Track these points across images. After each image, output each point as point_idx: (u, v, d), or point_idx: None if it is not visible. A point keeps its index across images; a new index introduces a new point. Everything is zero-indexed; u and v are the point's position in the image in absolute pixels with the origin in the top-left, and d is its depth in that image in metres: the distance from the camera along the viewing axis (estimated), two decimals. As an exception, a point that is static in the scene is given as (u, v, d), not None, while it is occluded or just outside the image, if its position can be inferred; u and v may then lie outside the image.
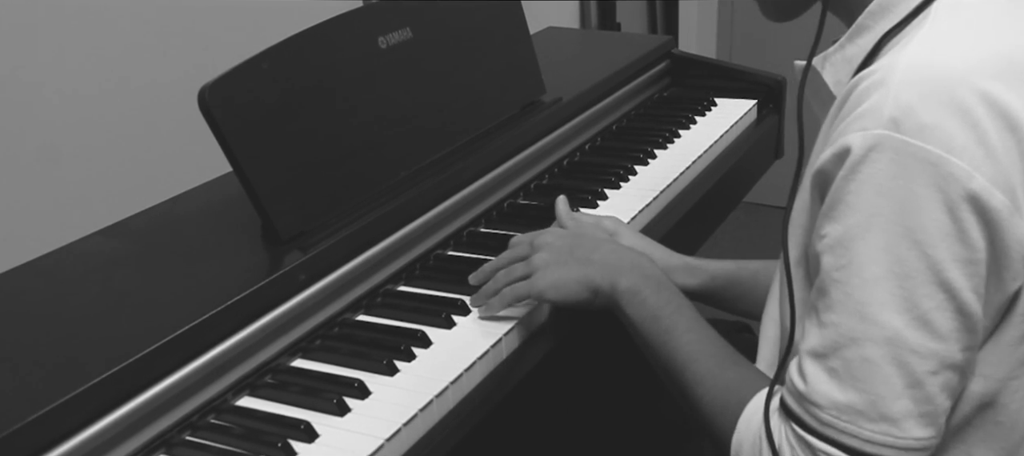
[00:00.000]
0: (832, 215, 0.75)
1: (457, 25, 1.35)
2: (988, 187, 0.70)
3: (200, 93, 1.02)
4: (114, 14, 1.31)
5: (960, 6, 0.78)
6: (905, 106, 0.71)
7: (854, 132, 0.73)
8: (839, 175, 0.74)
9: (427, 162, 1.24)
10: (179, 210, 1.19)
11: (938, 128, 0.70)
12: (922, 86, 0.72)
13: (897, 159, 0.71)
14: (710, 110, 1.67)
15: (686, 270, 1.17)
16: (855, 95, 0.76)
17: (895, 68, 0.74)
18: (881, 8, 0.82)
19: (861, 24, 0.84)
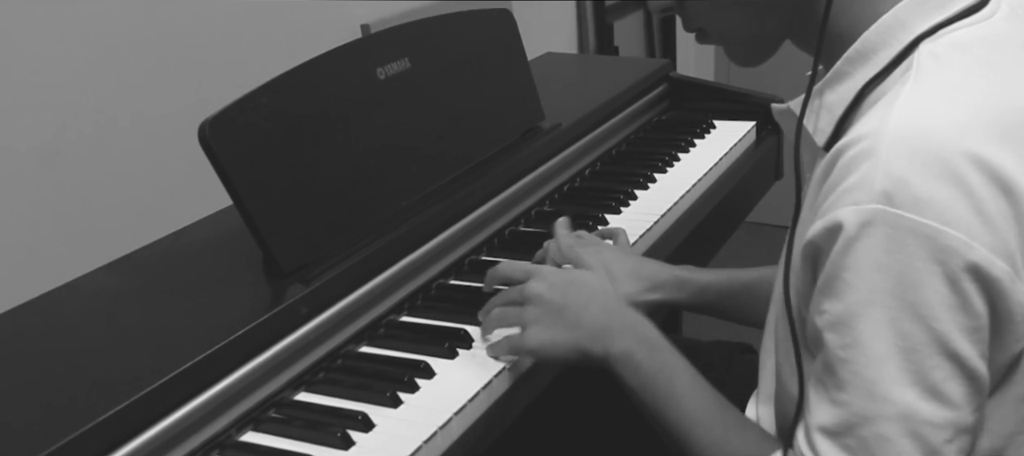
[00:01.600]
0: (830, 292, 0.73)
1: (455, 54, 1.36)
2: (989, 257, 0.69)
3: (200, 128, 1.03)
4: (113, 50, 1.31)
5: (943, 57, 0.77)
6: (897, 178, 0.70)
7: (846, 206, 0.72)
8: (834, 251, 0.73)
9: (428, 191, 1.25)
10: (182, 244, 1.19)
11: (933, 200, 0.69)
12: (913, 156, 0.70)
13: (893, 234, 0.70)
14: (709, 133, 1.68)
15: (676, 284, 1.15)
16: (842, 164, 0.74)
17: (883, 136, 0.72)
18: (859, 54, 0.80)
19: (840, 70, 0.82)
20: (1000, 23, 0.80)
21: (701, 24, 0.92)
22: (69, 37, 1.26)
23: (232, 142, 1.04)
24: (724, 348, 1.32)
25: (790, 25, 0.87)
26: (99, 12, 1.29)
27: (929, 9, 0.79)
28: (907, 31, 0.79)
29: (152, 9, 1.36)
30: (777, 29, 0.88)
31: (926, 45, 0.78)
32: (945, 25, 0.78)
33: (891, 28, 0.79)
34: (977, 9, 0.80)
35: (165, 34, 1.38)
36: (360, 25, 1.69)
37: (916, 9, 0.79)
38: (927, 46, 0.78)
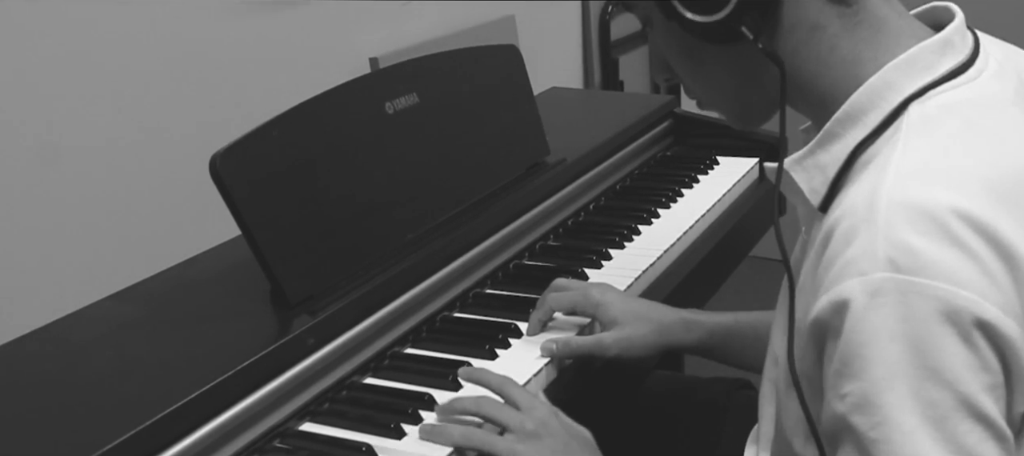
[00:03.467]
0: (849, 373, 0.71)
1: (463, 89, 1.38)
2: (1000, 316, 0.69)
3: (211, 161, 1.04)
4: (124, 83, 1.33)
5: (932, 119, 0.77)
6: (900, 244, 0.69)
7: (850, 279, 0.71)
8: (845, 328, 0.71)
9: (433, 224, 1.26)
10: (190, 274, 1.20)
11: (939, 262, 0.69)
12: (911, 221, 0.70)
13: (903, 300, 0.69)
14: (712, 169, 1.69)
15: (683, 326, 1.16)
16: (840, 234, 0.73)
17: (878, 203, 0.72)
18: (849, 116, 0.80)
19: (830, 131, 0.81)
20: (988, 82, 0.81)
21: (695, 95, 0.93)
22: (80, 71, 1.28)
23: (242, 175, 1.06)
24: (723, 385, 1.33)
25: (775, 93, 0.86)
26: (110, 46, 1.31)
27: (917, 71, 0.80)
28: (896, 93, 0.79)
29: (163, 42, 1.38)
30: (763, 98, 0.88)
31: (915, 107, 0.78)
32: (933, 86, 0.79)
33: (879, 90, 0.80)
34: (964, 69, 0.81)
35: (176, 67, 1.40)
36: (369, 58, 1.72)
37: (904, 71, 0.80)
38: (916, 108, 0.78)
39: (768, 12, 0.81)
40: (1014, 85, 0.83)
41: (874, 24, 0.82)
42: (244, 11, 1.49)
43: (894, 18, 0.83)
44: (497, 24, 1.99)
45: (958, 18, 0.84)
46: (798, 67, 0.84)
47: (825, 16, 0.82)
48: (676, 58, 0.89)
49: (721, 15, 0.81)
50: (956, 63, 0.81)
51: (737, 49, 0.83)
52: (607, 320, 1.14)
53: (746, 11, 0.81)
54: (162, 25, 1.37)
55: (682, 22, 0.83)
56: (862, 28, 0.82)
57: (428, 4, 1.86)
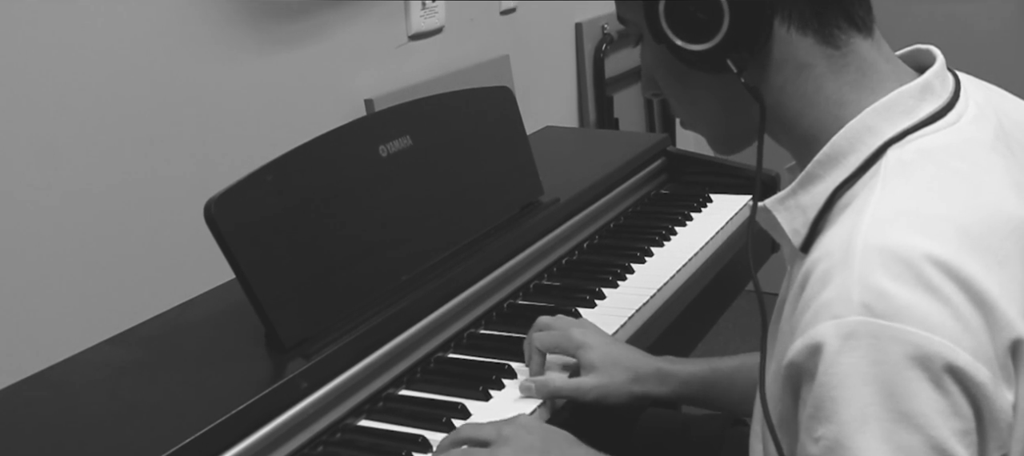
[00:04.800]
0: (822, 416, 0.72)
1: (456, 130, 1.39)
2: (972, 362, 0.69)
3: (206, 207, 1.05)
4: (120, 126, 1.35)
5: (910, 164, 0.78)
6: (874, 288, 0.70)
7: (825, 322, 0.71)
8: (818, 371, 0.72)
9: (428, 265, 1.27)
10: (186, 318, 1.21)
11: (913, 307, 0.69)
12: (885, 266, 0.71)
13: (876, 344, 0.69)
14: (706, 206, 1.71)
15: (658, 378, 1.16)
16: (816, 277, 0.74)
17: (853, 248, 0.72)
18: (830, 158, 0.81)
19: (811, 172, 0.82)
20: (966, 127, 0.82)
21: (678, 113, 0.94)
22: (75, 113, 1.30)
23: (236, 220, 1.07)
24: (718, 421, 1.33)
25: (754, 125, 0.87)
26: (106, 90, 1.32)
27: (896, 115, 0.81)
28: (875, 136, 0.80)
29: (160, 85, 1.40)
30: (745, 127, 0.89)
31: (893, 152, 0.79)
32: (912, 131, 0.80)
33: (859, 133, 0.81)
34: (944, 113, 0.82)
35: (173, 109, 1.42)
36: (364, 100, 1.74)
37: (883, 115, 0.81)
38: (894, 153, 0.79)
39: (756, 48, 0.82)
40: (993, 128, 0.84)
41: (861, 67, 0.83)
42: (240, 55, 1.51)
43: (881, 62, 0.84)
44: (492, 64, 2.02)
45: (939, 62, 0.85)
46: (783, 104, 0.85)
47: (813, 56, 0.83)
48: (663, 78, 0.90)
49: (707, 46, 0.82)
50: (935, 107, 0.82)
51: (722, 78, 0.84)
52: (586, 363, 1.14)
53: (733, 45, 0.82)
54: (159, 68, 1.39)
55: (670, 46, 0.84)
56: (849, 71, 0.83)
57: (423, 45, 1.88)
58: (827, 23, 0.82)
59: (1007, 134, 0.85)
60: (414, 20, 1.85)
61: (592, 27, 2.40)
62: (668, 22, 0.83)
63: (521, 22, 2.17)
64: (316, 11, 1.64)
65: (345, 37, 1.70)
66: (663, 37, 0.84)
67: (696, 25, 0.82)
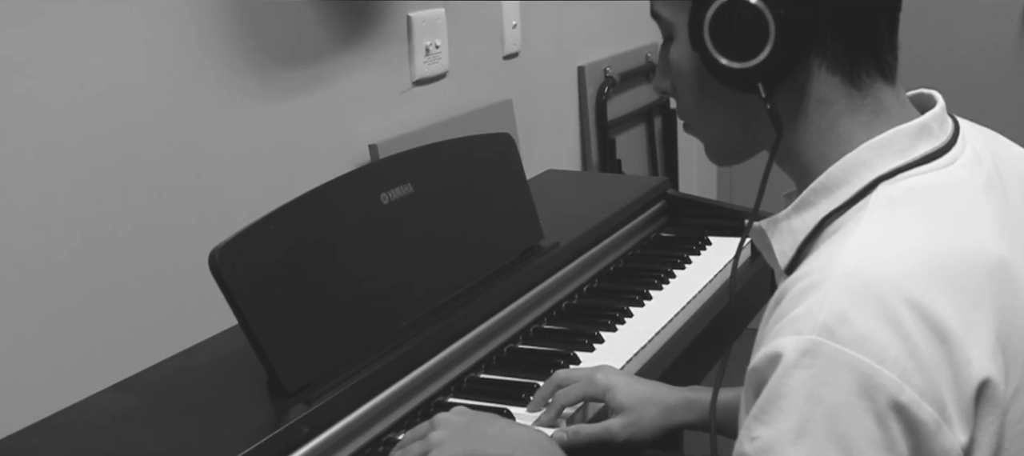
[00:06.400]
0: (764, 418, 0.75)
1: (456, 178, 1.42)
2: (917, 400, 0.71)
3: (210, 256, 1.08)
4: (125, 172, 1.37)
5: (896, 201, 0.81)
6: (839, 314, 0.73)
7: (788, 335, 0.74)
8: (772, 378, 0.75)
9: (428, 310, 1.29)
10: (190, 364, 1.23)
11: (871, 338, 0.72)
12: (856, 295, 0.73)
13: (829, 366, 0.72)
14: (705, 249, 1.73)
15: (686, 406, 1.19)
16: (792, 295, 0.77)
17: (831, 273, 0.75)
18: (824, 186, 0.84)
19: (806, 198, 0.86)
20: (960, 170, 0.84)
21: (685, 117, 0.96)
22: (81, 158, 1.32)
23: (241, 269, 1.09)
24: None
25: (761, 144, 0.91)
26: (111, 135, 1.35)
27: (892, 152, 0.84)
28: (869, 171, 0.83)
29: (164, 132, 1.42)
30: (750, 145, 0.92)
31: (884, 187, 0.82)
32: (905, 169, 0.83)
33: (854, 166, 0.84)
34: (939, 154, 0.84)
35: (178, 157, 1.45)
36: (368, 145, 1.76)
37: (880, 150, 0.84)
38: (885, 188, 0.82)
39: (788, 78, 0.85)
40: (987, 174, 0.86)
41: (876, 109, 0.86)
42: (245, 102, 1.54)
43: (896, 107, 0.87)
44: (494, 108, 2.04)
45: (939, 106, 0.88)
46: (796, 132, 0.87)
47: (836, 95, 0.86)
48: (684, 80, 0.91)
49: (744, 65, 0.84)
50: (931, 148, 0.84)
51: (745, 98, 0.86)
52: (615, 405, 1.18)
53: (768, 71, 0.84)
54: (165, 116, 1.42)
55: (705, 56, 0.86)
56: (864, 112, 0.86)
57: (426, 90, 1.91)
58: (857, 66, 0.85)
59: (1003, 180, 0.88)
60: (418, 66, 1.88)
61: (594, 70, 2.43)
62: (710, 32, 0.85)
63: (524, 66, 2.20)
64: (321, 59, 1.67)
65: (349, 84, 1.74)
66: (701, 45, 0.86)
67: (738, 43, 0.84)
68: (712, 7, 0.84)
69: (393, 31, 1.82)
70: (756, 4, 0.82)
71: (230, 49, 1.51)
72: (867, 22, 0.85)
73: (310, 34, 1.64)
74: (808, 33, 0.83)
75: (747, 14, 0.83)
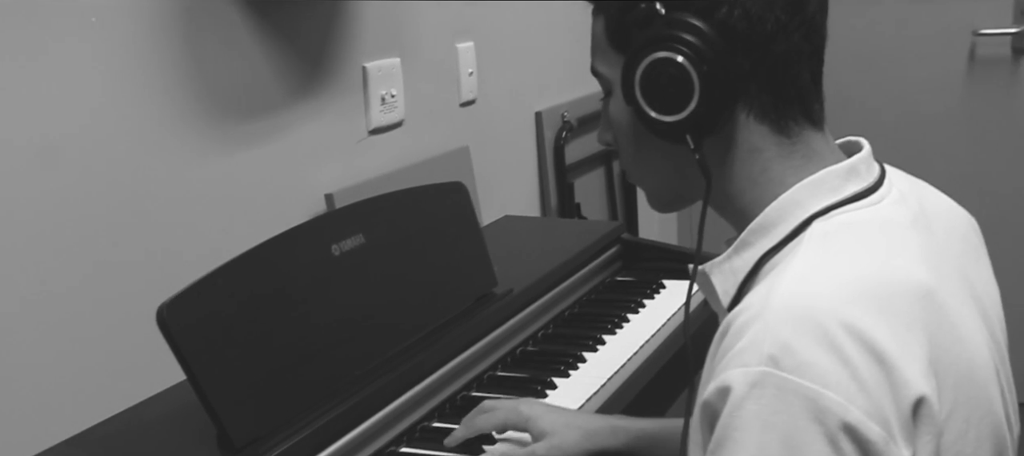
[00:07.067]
0: (721, 452, 0.78)
1: (409, 227, 1.43)
2: (864, 420, 0.74)
3: (158, 311, 1.08)
4: (75, 225, 1.37)
5: (830, 234, 0.85)
6: (783, 344, 0.76)
7: (735, 368, 0.77)
8: (724, 411, 0.77)
9: (381, 360, 1.30)
10: (141, 418, 1.23)
11: (814, 365, 0.75)
12: (796, 324, 0.77)
13: (779, 395, 0.75)
14: (659, 293, 1.75)
15: (610, 432, 1.22)
16: (734, 328, 0.80)
17: (770, 304, 0.79)
18: (761, 227, 0.89)
19: (745, 240, 0.90)
20: (887, 207, 0.89)
21: (626, 167, 1.00)
22: (33, 211, 1.32)
23: (189, 324, 1.10)
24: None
25: (699, 192, 0.94)
26: (63, 187, 1.35)
27: (824, 191, 0.88)
28: (803, 209, 0.87)
29: (118, 185, 1.43)
30: (687, 193, 0.96)
31: (818, 224, 0.86)
32: (837, 206, 0.87)
33: (789, 206, 0.88)
34: (868, 194, 0.89)
35: (131, 210, 1.45)
36: (325, 194, 1.77)
37: (812, 190, 0.88)
38: (819, 224, 0.86)
39: (716, 129, 0.89)
40: (913, 212, 0.91)
41: (806, 154, 0.90)
42: (199, 153, 1.55)
43: (826, 152, 0.92)
44: (452, 155, 2.06)
45: (865, 150, 0.93)
46: (730, 179, 0.91)
47: (766, 142, 0.90)
48: (622, 133, 0.96)
49: (672, 119, 0.88)
50: (860, 188, 0.89)
51: (678, 148, 0.90)
52: (537, 432, 1.20)
53: (695, 123, 0.88)
54: (116, 166, 1.42)
55: (637, 110, 0.90)
56: (795, 157, 0.90)
57: (382, 139, 1.93)
58: (784, 116, 0.89)
59: (928, 220, 0.92)
60: (374, 115, 1.90)
61: (552, 115, 2.46)
62: (641, 88, 0.89)
63: (481, 113, 2.23)
64: (276, 109, 1.69)
65: (305, 134, 1.75)
66: (633, 101, 0.90)
67: (666, 97, 0.88)
68: (642, 65, 0.88)
69: (349, 81, 1.84)
70: (682, 62, 0.86)
71: (184, 100, 1.52)
72: (791, 75, 0.89)
73: (265, 85, 1.66)
74: (732, 88, 0.87)
75: (673, 71, 0.86)
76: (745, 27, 0.85)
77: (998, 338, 0.92)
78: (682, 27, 0.86)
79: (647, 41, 0.87)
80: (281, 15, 1.67)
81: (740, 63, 0.86)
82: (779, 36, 0.86)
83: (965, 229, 0.98)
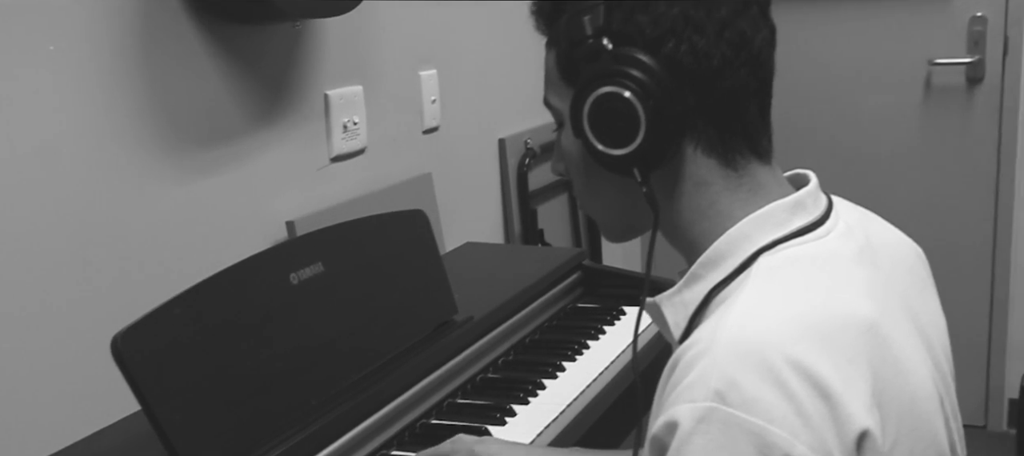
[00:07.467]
0: None
1: (368, 255, 1.43)
2: (808, 454, 0.75)
3: (112, 342, 1.08)
4: (30, 253, 1.37)
5: (776, 270, 0.86)
6: (729, 380, 0.77)
7: (683, 404, 0.78)
8: (672, 446, 0.78)
9: (339, 388, 1.30)
10: (95, 449, 1.22)
11: (760, 400, 0.76)
12: (742, 360, 0.78)
13: (725, 430, 0.76)
14: (619, 319, 1.76)
15: None
16: (683, 363, 0.81)
17: (717, 339, 0.80)
18: (710, 260, 0.89)
19: (695, 272, 0.90)
20: (833, 241, 0.90)
21: (579, 197, 1.01)
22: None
23: (143, 355, 1.09)
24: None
25: (649, 223, 0.95)
26: (18, 218, 1.34)
27: (770, 225, 0.89)
28: (751, 243, 0.88)
29: (75, 215, 1.42)
30: (637, 224, 0.97)
31: (765, 258, 0.87)
32: (783, 240, 0.88)
33: (737, 240, 0.89)
34: (814, 227, 0.90)
35: (88, 236, 1.44)
36: (286, 222, 1.77)
37: (759, 224, 0.89)
38: (765, 259, 0.87)
39: (663, 163, 0.90)
40: (859, 245, 0.92)
41: (753, 187, 0.92)
42: (159, 181, 1.54)
43: (773, 185, 0.93)
44: (414, 182, 2.07)
45: (812, 183, 0.94)
46: (678, 212, 0.93)
47: (713, 176, 0.91)
48: (573, 164, 0.97)
49: (619, 153, 0.89)
50: (807, 222, 0.90)
51: (626, 181, 0.91)
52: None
53: (642, 157, 0.89)
54: (73, 194, 1.41)
55: (586, 143, 0.91)
56: (742, 190, 0.91)
57: (344, 166, 1.93)
58: (731, 150, 0.91)
59: (874, 252, 0.93)
60: (336, 143, 1.90)
61: (515, 142, 2.47)
62: (589, 122, 0.90)
63: (444, 140, 2.24)
64: (237, 137, 1.69)
65: (266, 161, 1.75)
66: (582, 134, 0.91)
67: (613, 131, 0.89)
68: (589, 99, 0.89)
69: (311, 109, 1.85)
70: (628, 97, 0.87)
71: (144, 128, 1.51)
72: (738, 110, 0.90)
73: (227, 112, 1.66)
74: (678, 122, 0.88)
75: (620, 105, 0.88)
76: (691, 62, 0.87)
77: (943, 368, 0.94)
78: (629, 62, 0.87)
79: (594, 75, 0.88)
80: (243, 43, 1.68)
81: (687, 98, 0.87)
82: (725, 71, 0.88)
83: (911, 260, 1.00)
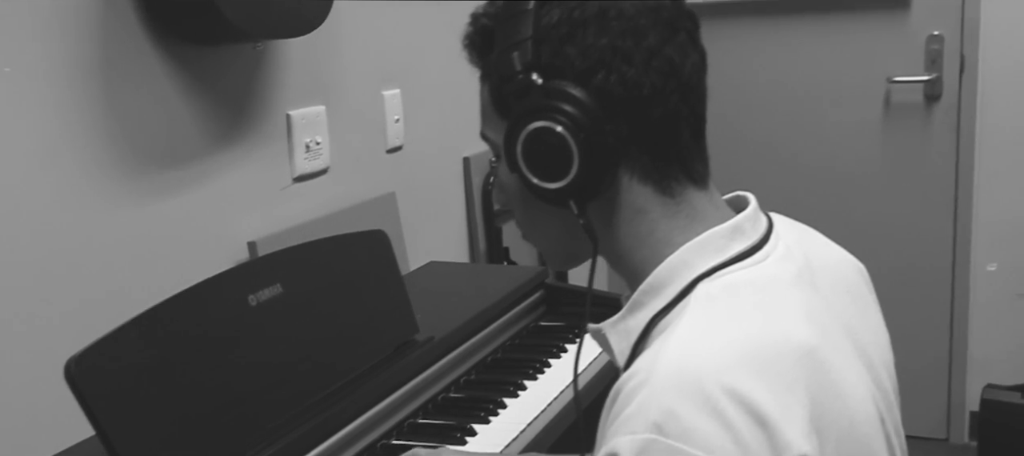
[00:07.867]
0: None
1: (328, 275, 1.44)
2: None
3: (66, 366, 1.07)
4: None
5: (713, 297, 0.87)
6: (667, 411, 0.77)
7: (623, 435, 0.79)
8: None
9: (299, 409, 1.30)
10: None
11: (698, 431, 0.77)
12: (679, 390, 0.78)
13: None
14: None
15: None
16: (624, 394, 0.82)
17: (656, 370, 0.80)
18: (652, 288, 0.90)
19: (636, 300, 0.91)
20: (772, 265, 0.91)
21: (520, 228, 1.02)
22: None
23: (98, 379, 1.09)
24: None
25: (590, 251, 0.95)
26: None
27: (709, 252, 0.90)
28: (690, 270, 0.89)
29: (31, 233, 1.41)
30: (578, 252, 0.97)
31: (703, 285, 0.88)
32: (722, 267, 0.89)
33: (676, 267, 0.90)
34: (753, 252, 0.91)
35: (46, 258, 1.43)
36: (247, 242, 1.77)
37: (698, 251, 0.90)
38: (704, 286, 0.88)
39: (599, 193, 0.91)
40: (797, 267, 0.93)
41: (691, 214, 0.92)
42: (118, 202, 1.54)
43: (711, 210, 0.93)
44: (378, 202, 2.07)
45: (751, 206, 0.95)
46: (618, 240, 0.93)
47: (650, 203, 0.92)
48: (512, 196, 0.98)
49: (554, 186, 0.90)
50: (745, 247, 0.91)
51: (564, 212, 0.92)
52: None
53: (578, 190, 0.90)
54: (31, 216, 1.40)
55: (521, 176, 0.91)
56: (680, 217, 0.92)
57: (307, 186, 1.93)
58: (666, 176, 0.91)
59: (813, 273, 0.94)
60: (298, 162, 1.90)
61: (479, 161, 2.48)
62: (524, 156, 0.90)
63: (408, 159, 2.24)
64: (198, 157, 1.68)
65: (228, 182, 1.75)
66: (516, 168, 0.91)
67: (547, 165, 0.89)
68: (523, 134, 0.90)
69: (272, 129, 1.85)
70: (560, 131, 0.88)
71: (103, 149, 1.51)
72: (671, 136, 0.91)
73: (187, 133, 1.66)
74: (612, 152, 0.89)
75: (553, 140, 0.88)
76: (622, 92, 0.88)
77: (885, 385, 0.95)
78: (559, 96, 0.87)
79: (526, 111, 0.89)
80: (204, 64, 1.68)
81: (619, 128, 0.88)
82: (656, 99, 0.89)
83: (852, 278, 1.01)
